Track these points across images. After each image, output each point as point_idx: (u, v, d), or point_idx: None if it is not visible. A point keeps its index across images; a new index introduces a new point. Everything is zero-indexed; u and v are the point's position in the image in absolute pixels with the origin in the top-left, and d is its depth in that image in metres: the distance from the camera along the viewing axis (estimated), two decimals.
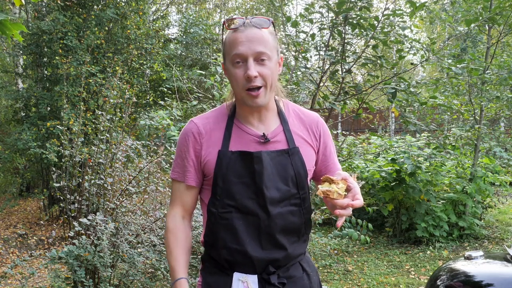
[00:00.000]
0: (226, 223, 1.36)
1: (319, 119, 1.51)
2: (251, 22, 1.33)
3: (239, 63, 1.31)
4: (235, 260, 1.37)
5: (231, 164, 1.36)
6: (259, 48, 1.30)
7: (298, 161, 1.39)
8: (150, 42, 8.61)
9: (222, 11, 18.13)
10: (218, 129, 1.41)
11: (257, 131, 1.40)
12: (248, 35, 1.31)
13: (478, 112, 5.93)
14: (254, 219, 1.35)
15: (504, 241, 5.71)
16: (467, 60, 4.65)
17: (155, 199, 3.85)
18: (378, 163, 6.29)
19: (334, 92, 4.51)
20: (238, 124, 1.41)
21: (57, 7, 7.63)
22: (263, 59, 1.31)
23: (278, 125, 1.42)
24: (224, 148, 1.37)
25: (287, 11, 13.79)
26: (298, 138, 1.43)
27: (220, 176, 1.36)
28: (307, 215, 1.43)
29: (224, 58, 1.38)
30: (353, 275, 4.68)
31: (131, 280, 3.33)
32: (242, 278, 1.36)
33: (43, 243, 6.68)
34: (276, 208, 1.36)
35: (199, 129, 1.41)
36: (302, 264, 1.46)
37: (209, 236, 1.42)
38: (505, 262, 2.01)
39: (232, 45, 1.32)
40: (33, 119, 7.58)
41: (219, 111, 1.46)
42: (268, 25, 1.34)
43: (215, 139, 1.39)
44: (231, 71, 1.33)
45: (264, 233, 1.35)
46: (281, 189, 1.37)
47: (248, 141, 1.38)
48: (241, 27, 1.32)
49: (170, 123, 4.35)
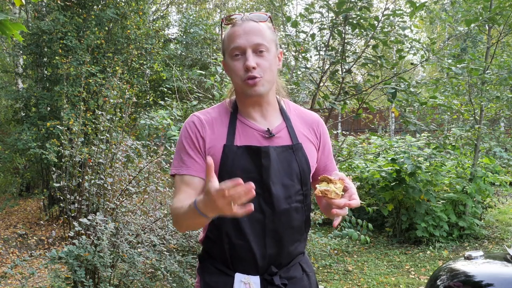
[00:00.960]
0: (231, 219, 1.33)
1: (319, 119, 1.52)
2: (249, 17, 1.34)
3: (238, 55, 1.31)
4: (238, 256, 1.35)
5: (237, 159, 1.33)
6: (257, 39, 1.31)
7: (302, 157, 1.39)
8: (150, 42, 8.61)
9: (222, 11, 18.13)
10: (221, 124, 1.39)
11: (261, 126, 1.39)
12: (245, 28, 1.32)
13: (478, 112, 5.93)
14: (259, 215, 1.33)
15: (504, 241, 5.71)
16: (467, 60, 4.65)
17: (155, 199, 3.85)
18: (378, 163, 6.29)
19: (334, 92, 4.51)
20: (241, 119, 1.39)
21: (57, 7, 7.63)
22: (261, 50, 1.31)
23: (281, 121, 1.42)
24: (229, 142, 1.35)
25: (287, 11, 13.80)
26: (300, 135, 1.43)
27: (226, 171, 1.33)
28: (308, 212, 1.43)
29: (224, 55, 1.38)
30: (353, 275, 4.68)
31: (131, 280, 3.33)
32: (244, 280, 1.35)
33: (43, 243, 6.68)
34: (281, 204, 1.35)
35: (201, 122, 1.39)
36: (302, 264, 1.45)
37: (212, 232, 1.40)
38: (505, 262, 2.01)
39: (231, 39, 1.33)
40: (33, 119, 7.58)
41: (221, 107, 1.45)
42: (265, 19, 1.35)
43: (219, 134, 1.37)
44: (230, 64, 1.33)
45: (269, 230, 1.34)
46: (287, 185, 1.36)
47: (253, 136, 1.37)
48: (239, 22, 1.33)
49: (171, 122, 4.35)
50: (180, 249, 3.65)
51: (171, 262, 3.21)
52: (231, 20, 1.35)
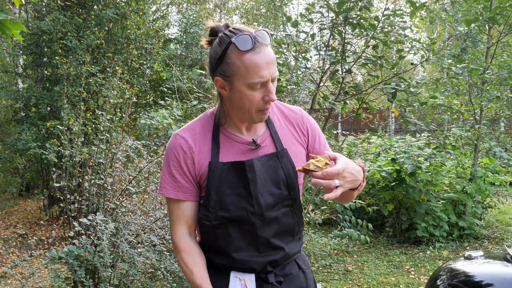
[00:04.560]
0: (221, 232, 1.36)
1: (303, 113, 1.50)
2: (261, 40, 1.26)
3: (259, 87, 1.28)
4: (233, 264, 1.38)
5: (224, 175, 1.33)
6: (276, 71, 1.29)
7: (288, 163, 1.39)
8: (150, 42, 8.61)
9: (222, 11, 18.13)
10: (205, 140, 1.37)
11: (246, 137, 1.38)
12: (266, 58, 1.25)
13: (478, 112, 5.93)
14: (249, 226, 1.35)
15: (504, 241, 5.71)
16: (467, 60, 4.65)
17: (155, 199, 3.85)
18: (378, 163, 6.29)
19: (334, 92, 4.51)
20: (225, 133, 1.38)
21: (57, 7, 7.63)
22: (275, 78, 1.31)
23: (265, 129, 1.41)
24: (214, 159, 1.34)
25: (287, 11, 13.79)
26: (285, 139, 1.42)
27: (213, 188, 1.33)
28: (299, 213, 1.43)
29: (231, 78, 1.28)
30: (353, 275, 4.68)
31: (131, 280, 3.33)
32: (239, 276, 1.37)
33: (43, 243, 6.68)
34: (271, 212, 1.35)
35: (188, 143, 1.35)
36: (298, 262, 1.47)
37: (203, 243, 1.43)
38: (505, 262, 2.01)
39: (253, 69, 1.24)
40: (33, 119, 7.57)
41: (203, 121, 1.41)
42: (271, 40, 1.31)
43: (204, 151, 1.36)
44: (246, 93, 1.27)
45: (261, 238, 1.36)
46: (275, 193, 1.36)
47: (238, 149, 1.37)
48: (257, 48, 1.25)
49: (172, 122, 4.35)
50: None
51: (171, 262, 3.21)
52: (245, 44, 1.24)
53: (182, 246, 1.38)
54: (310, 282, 1.48)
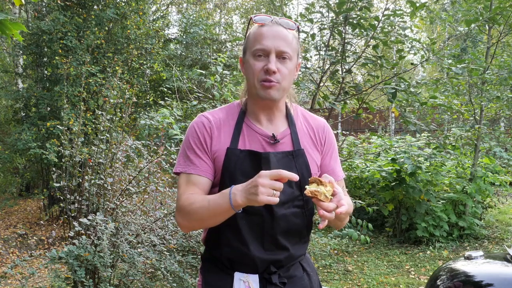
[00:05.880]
0: (229, 222, 1.34)
1: (325, 124, 1.52)
2: (279, 21, 1.35)
3: (261, 56, 1.32)
4: (237, 259, 1.37)
5: (239, 162, 1.35)
6: (283, 45, 1.31)
7: (303, 164, 1.39)
8: (150, 42, 8.62)
9: (222, 11, 18.14)
10: (227, 126, 1.40)
11: (267, 131, 1.40)
12: (274, 31, 1.32)
13: (478, 112, 5.93)
14: (258, 219, 1.35)
15: (504, 241, 5.71)
16: (467, 60, 4.65)
17: (155, 199, 3.85)
18: (378, 163, 6.29)
19: (334, 92, 4.51)
20: (248, 123, 1.40)
21: (57, 7, 7.63)
22: (285, 57, 1.32)
23: (286, 127, 1.42)
24: (233, 145, 1.36)
25: (287, 11, 13.79)
26: (304, 141, 1.44)
27: (227, 174, 1.35)
28: (310, 216, 1.43)
29: (245, 51, 1.38)
30: (353, 275, 4.68)
31: (131, 280, 3.33)
32: (243, 278, 1.37)
33: (43, 243, 6.68)
34: (280, 209, 1.35)
35: (210, 123, 1.39)
36: (303, 264, 1.46)
37: (212, 234, 1.42)
38: (505, 262, 2.01)
39: (257, 38, 1.32)
40: (33, 119, 7.58)
41: (229, 108, 1.45)
42: (294, 28, 1.37)
43: (224, 136, 1.38)
44: (250, 63, 1.33)
45: (267, 234, 1.36)
46: (286, 191, 1.35)
47: (257, 141, 1.38)
48: (269, 23, 1.34)
49: (173, 122, 4.35)
50: (180, 249, 3.65)
51: (171, 262, 3.21)
52: (261, 20, 1.35)
53: (188, 201, 1.32)
54: (315, 284, 1.48)
